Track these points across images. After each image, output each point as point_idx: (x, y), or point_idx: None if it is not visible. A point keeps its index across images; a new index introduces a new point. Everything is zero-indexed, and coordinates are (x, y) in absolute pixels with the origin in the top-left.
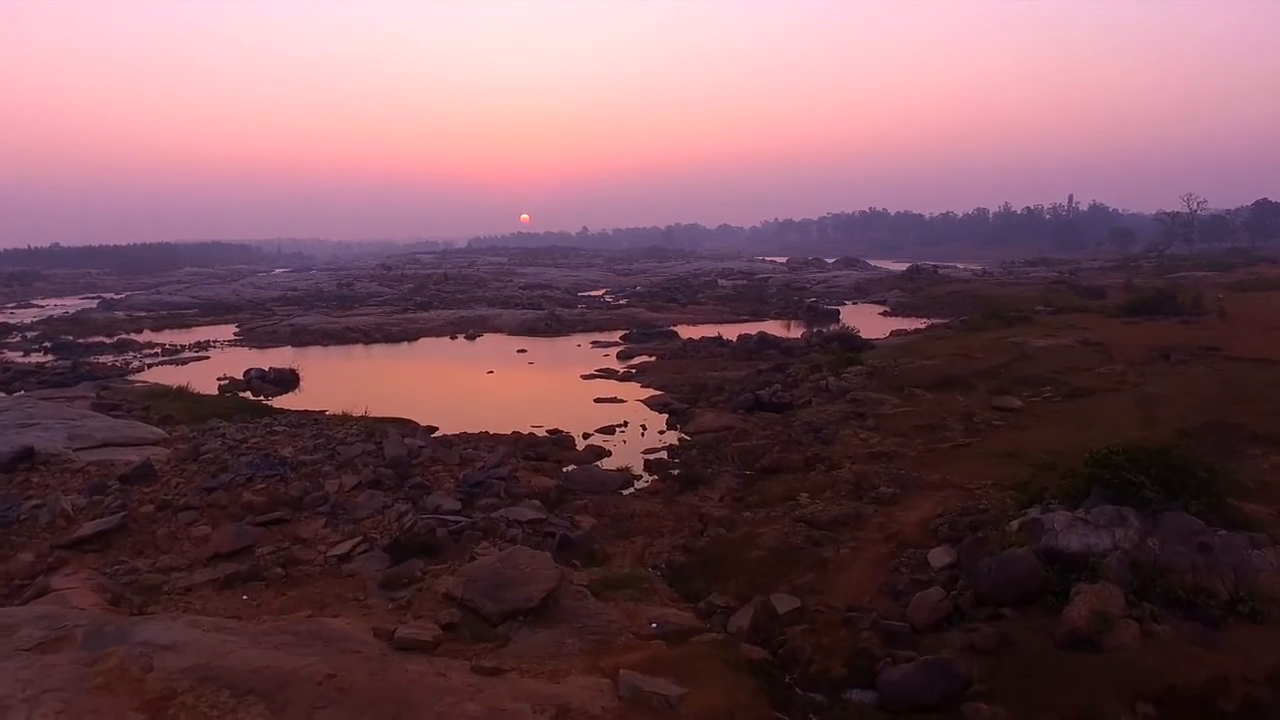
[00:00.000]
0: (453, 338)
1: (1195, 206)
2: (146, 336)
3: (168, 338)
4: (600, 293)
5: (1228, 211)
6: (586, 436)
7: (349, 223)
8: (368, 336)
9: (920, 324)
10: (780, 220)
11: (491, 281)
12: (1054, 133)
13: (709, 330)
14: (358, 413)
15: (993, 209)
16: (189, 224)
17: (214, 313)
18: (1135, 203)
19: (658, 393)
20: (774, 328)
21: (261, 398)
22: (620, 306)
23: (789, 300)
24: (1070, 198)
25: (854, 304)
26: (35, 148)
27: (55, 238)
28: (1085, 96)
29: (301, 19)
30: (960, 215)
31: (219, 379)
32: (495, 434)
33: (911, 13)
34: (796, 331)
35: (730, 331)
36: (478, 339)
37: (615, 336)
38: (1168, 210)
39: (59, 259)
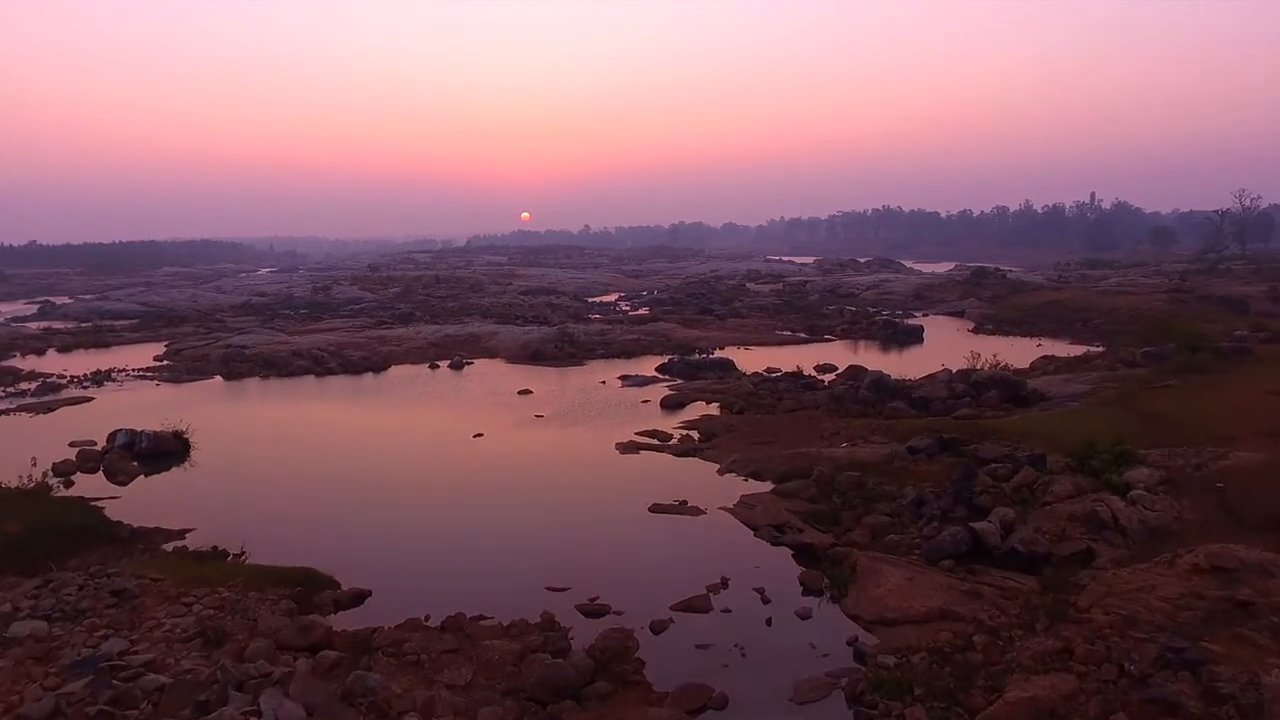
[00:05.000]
0: (434, 366)
1: (1248, 204)
2: (45, 360)
3: (71, 362)
4: (613, 298)
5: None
6: (659, 630)
7: (348, 220)
8: (321, 365)
9: (1028, 345)
10: (788, 219)
11: (489, 285)
12: (1063, 131)
13: (767, 355)
14: (234, 546)
15: (1012, 207)
16: (186, 222)
17: (152, 325)
18: (1149, 201)
19: (749, 484)
20: (842, 350)
21: (117, 484)
22: (644, 319)
23: (846, 311)
24: (1093, 195)
25: (924, 315)
26: (26, 145)
27: (41, 235)
28: (1096, 95)
29: (303, 16)
30: (977, 214)
31: (69, 445)
32: (477, 620)
33: (917, 12)
34: (869, 352)
35: (794, 356)
36: (466, 368)
37: (650, 367)
38: (1184, 209)
39: (35, 258)
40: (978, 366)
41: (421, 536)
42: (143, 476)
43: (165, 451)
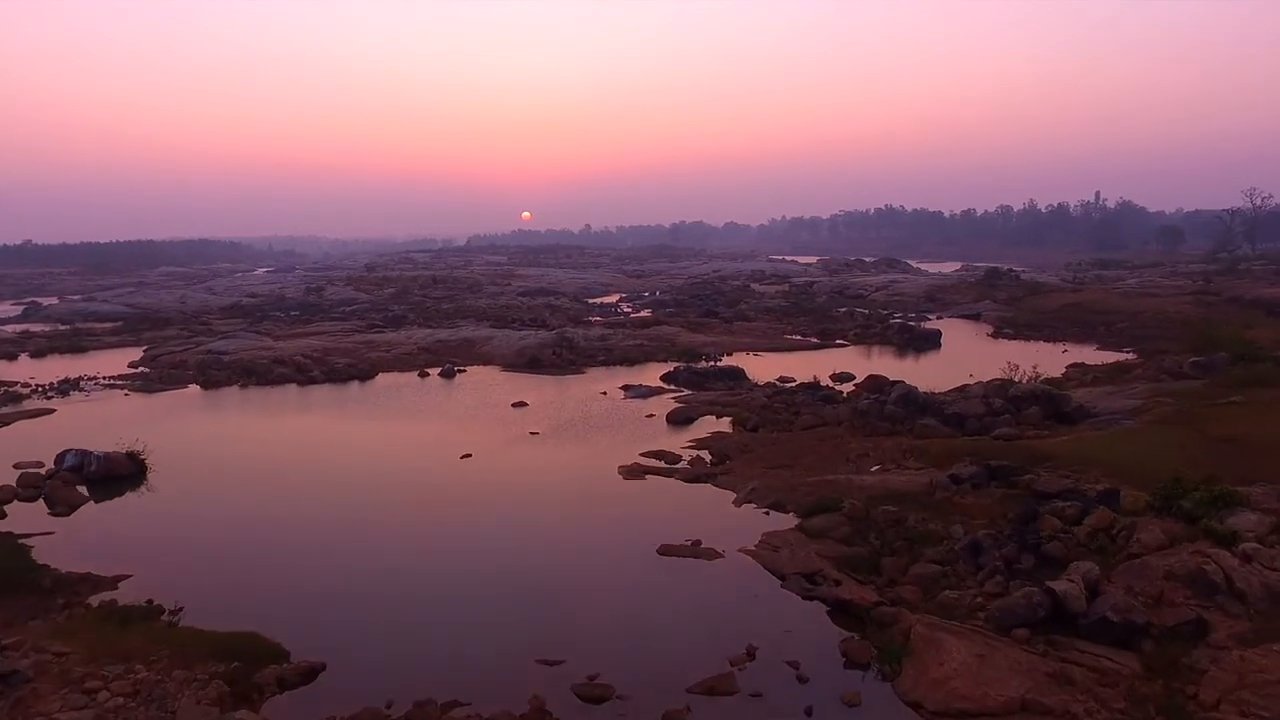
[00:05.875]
0: (423, 374)
1: (1260, 202)
2: (16, 366)
3: (43, 368)
4: (614, 299)
5: None
6: None
7: (348, 220)
8: (304, 372)
9: (1053, 351)
10: (789, 218)
11: (487, 285)
12: (1064, 131)
13: (777, 362)
14: (172, 599)
15: (1016, 206)
16: (186, 222)
17: (135, 328)
18: (1152, 200)
19: (771, 518)
20: (856, 357)
21: (57, 515)
22: (647, 323)
23: (857, 314)
24: (1097, 194)
25: (937, 318)
26: (25, 144)
27: (39, 235)
28: (1096, 95)
29: (302, 16)
30: (981, 213)
31: (13, 466)
32: (450, 709)
33: (917, 12)
34: (885, 358)
35: (806, 363)
36: (458, 376)
37: (654, 376)
38: (1188, 208)
39: (30, 257)
40: (1016, 379)
41: (391, 587)
42: (91, 504)
43: (117, 475)
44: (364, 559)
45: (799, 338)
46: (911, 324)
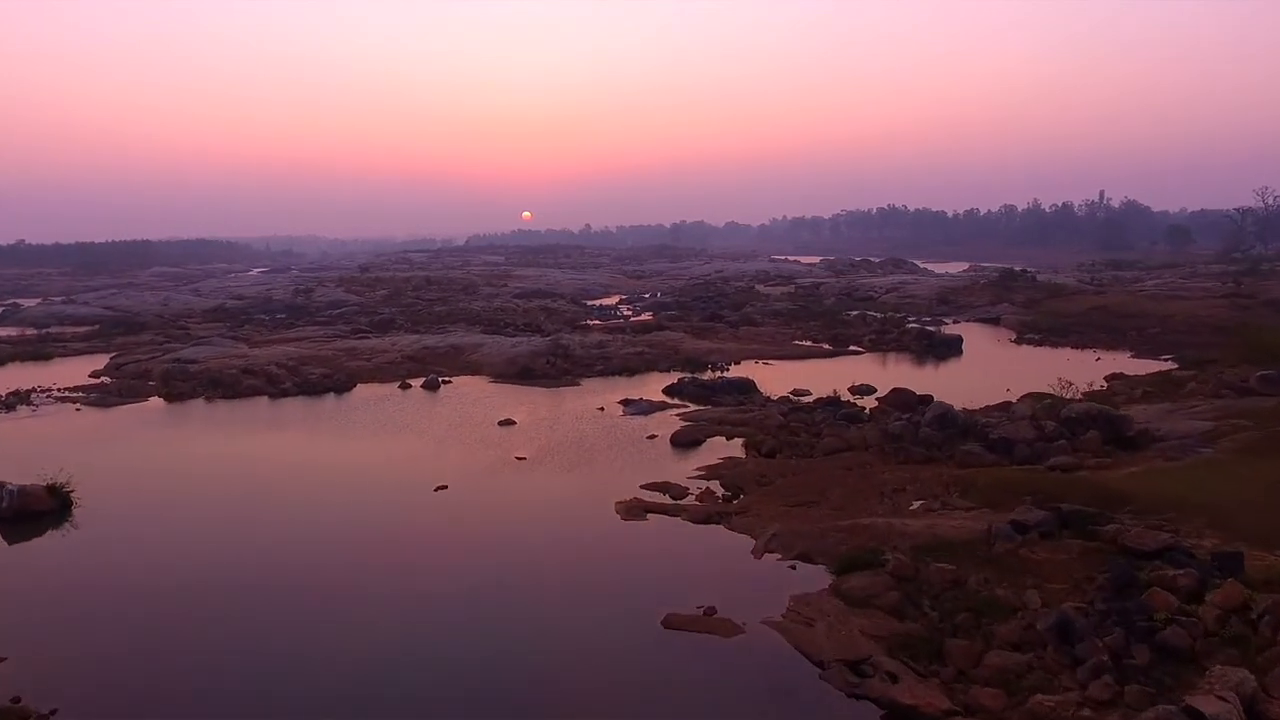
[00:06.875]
0: (405, 386)
1: (1271, 202)
2: None
3: (1, 377)
4: (613, 300)
5: None
6: None
7: (348, 220)
8: (275, 384)
9: (1084, 359)
10: (791, 218)
11: (482, 286)
12: (1065, 130)
13: (789, 371)
14: (48, 696)
15: (1019, 206)
16: (188, 222)
17: (108, 333)
18: (1155, 200)
19: (799, 573)
20: (873, 365)
21: None
22: (647, 327)
23: (870, 318)
24: (1102, 194)
25: (954, 321)
26: (24, 144)
27: (35, 235)
28: (1098, 95)
29: (303, 16)
30: (984, 213)
31: None
32: None
33: (917, 12)
34: (903, 366)
35: (820, 373)
36: (443, 387)
37: (656, 388)
38: (1191, 208)
39: (22, 257)
40: (1066, 396)
41: (323, 683)
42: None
43: (35, 512)
44: (294, 640)
45: (810, 344)
46: (930, 329)
